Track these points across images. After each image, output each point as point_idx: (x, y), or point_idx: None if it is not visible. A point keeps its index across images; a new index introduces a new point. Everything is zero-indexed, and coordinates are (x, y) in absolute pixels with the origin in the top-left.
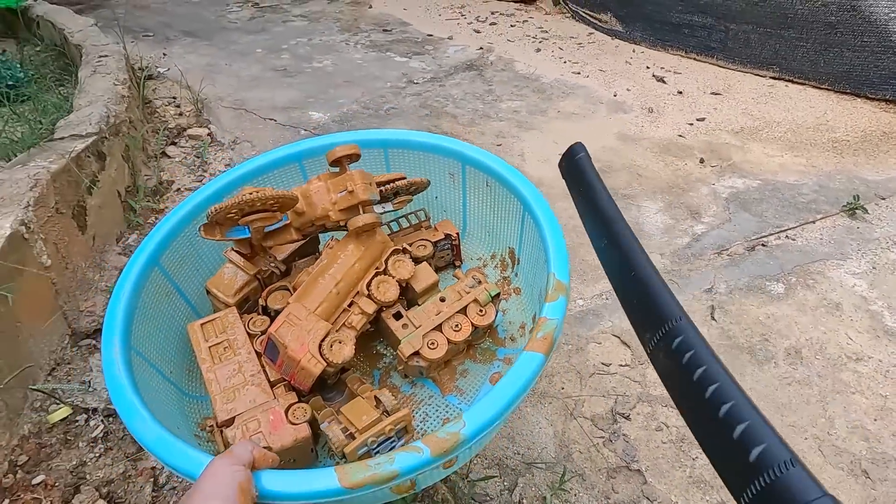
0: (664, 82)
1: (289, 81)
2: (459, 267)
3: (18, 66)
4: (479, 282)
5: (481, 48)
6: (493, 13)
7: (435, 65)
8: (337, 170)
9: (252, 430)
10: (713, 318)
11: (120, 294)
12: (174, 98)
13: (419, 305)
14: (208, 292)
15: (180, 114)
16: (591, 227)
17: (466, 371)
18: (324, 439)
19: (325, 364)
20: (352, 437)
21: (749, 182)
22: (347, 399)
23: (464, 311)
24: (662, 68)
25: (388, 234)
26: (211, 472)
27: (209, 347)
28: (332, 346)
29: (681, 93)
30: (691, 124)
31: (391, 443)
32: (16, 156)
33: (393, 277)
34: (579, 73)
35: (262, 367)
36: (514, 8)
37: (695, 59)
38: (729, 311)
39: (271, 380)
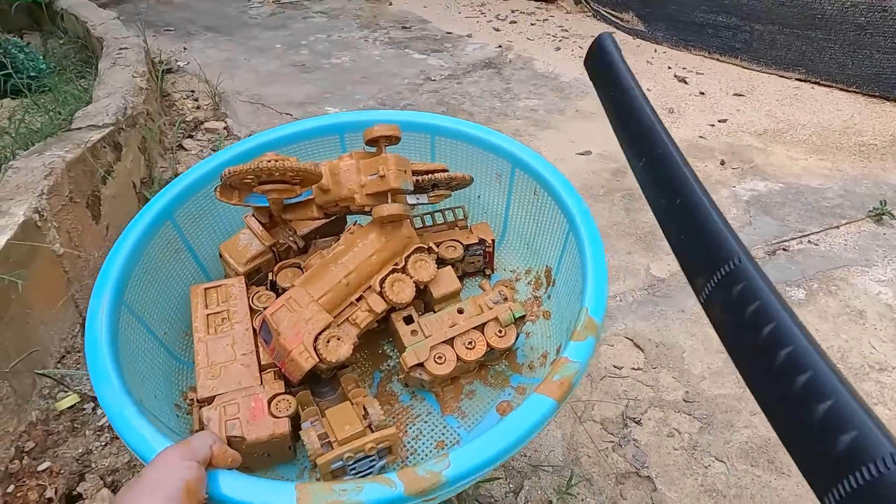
0: (686, 83)
1: (307, 77)
2: (489, 277)
3: (41, 57)
4: (506, 298)
5: (500, 46)
6: (513, 11)
7: (453, 62)
8: (374, 150)
9: (230, 415)
10: None
11: (122, 245)
12: (192, 92)
13: (434, 312)
14: (221, 256)
15: (198, 107)
16: (626, 142)
17: (473, 392)
18: None
19: (318, 360)
20: (329, 446)
21: (771, 185)
22: (339, 399)
23: (482, 328)
24: (684, 68)
25: (419, 229)
26: (160, 462)
27: (207, 315)
28: (328, 342)
29: (703, 93)
30: (713, 125)
31: (370, 461)
32: (34, 145)
33: (411, 277)
34: None
35: (256, 347)
36: (534, 6)
37: (718, 59)
38: None
39: (262, 363)
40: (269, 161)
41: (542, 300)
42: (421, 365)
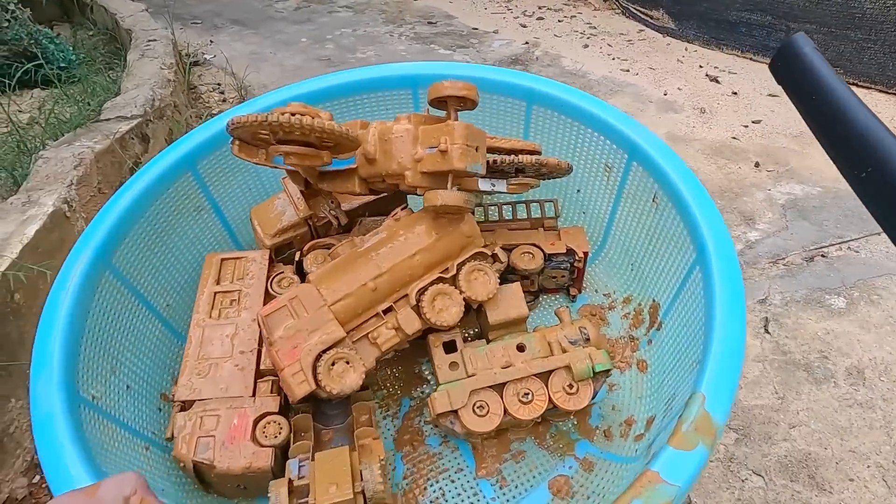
0: (718, 82)
1: (331, 71)
2: (573, 299)
3: (71, 48)
4: (587, 339)
5: (527, 43)
6: (540, 8)
7: (479, 58)
8: (442, 114)
9: (205, 430)
10: (767, 331)
11: (121, 197)
12: (219, 84)
13: (487, 343)
14: (251, 221)
15: (224, 100)
16: (838, 151)
17: (523, 454)
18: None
19: (315, 387)
20: None
21: (808, 189)
22: (347, 430)
23: (546, 377)
24: (716, 68)
25: (491, 222)
26: None
27: (214, 293)
28: (333, 365)
29: (735, 93)
30: (746, 126)
31: None
32: (63, 136)
33: (461, 292)
34: (628, 71)
35: (260, 345)
36: (561, 3)
37: (751, 59)
38: (784, 324)
39: (262, 367)
40: (286, 115)
41: (639, 343)
42: (455, 412)
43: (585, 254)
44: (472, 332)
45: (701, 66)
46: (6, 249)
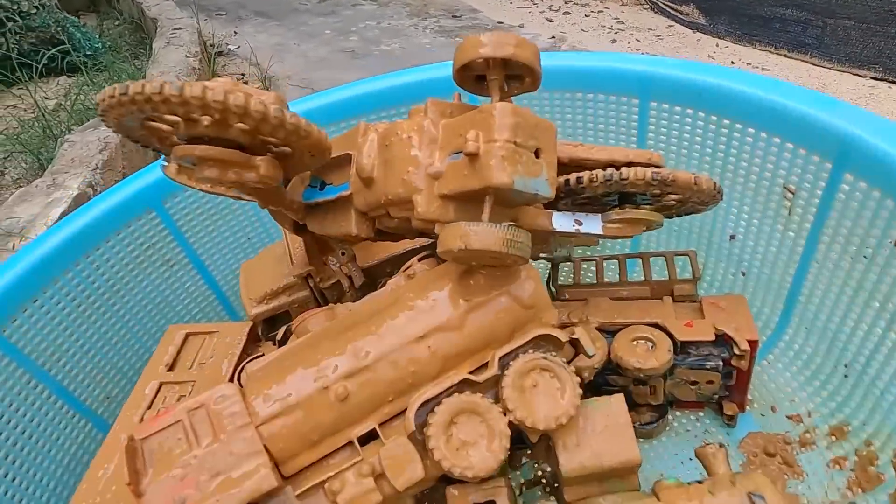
0: None
1: (356, 63)
2: (732, 423)
3: (97, 36)
4: None
5: (553, 37)
6: (566, 2)
7: None
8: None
9: None
10: None
11: (40, 244)
12: (243, 75)
13: None
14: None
15: None
16: None
17: None
18: None
19: None
20: None
21: None
22: None
23: None
24: (749, 64)
25: (581, 288)
26: None
27: (160, 385)
28: None
29: None
30: None
31: None
32: (89, 121)
33: (505, 412)
34: None
35: None
36: None
37: (785, 55)
38: None
39: None
40: (176, 84)
41: None
42: None
43: (753, 343)
44: (533, 475)
45: (733, 63)
46: (31, 231)
